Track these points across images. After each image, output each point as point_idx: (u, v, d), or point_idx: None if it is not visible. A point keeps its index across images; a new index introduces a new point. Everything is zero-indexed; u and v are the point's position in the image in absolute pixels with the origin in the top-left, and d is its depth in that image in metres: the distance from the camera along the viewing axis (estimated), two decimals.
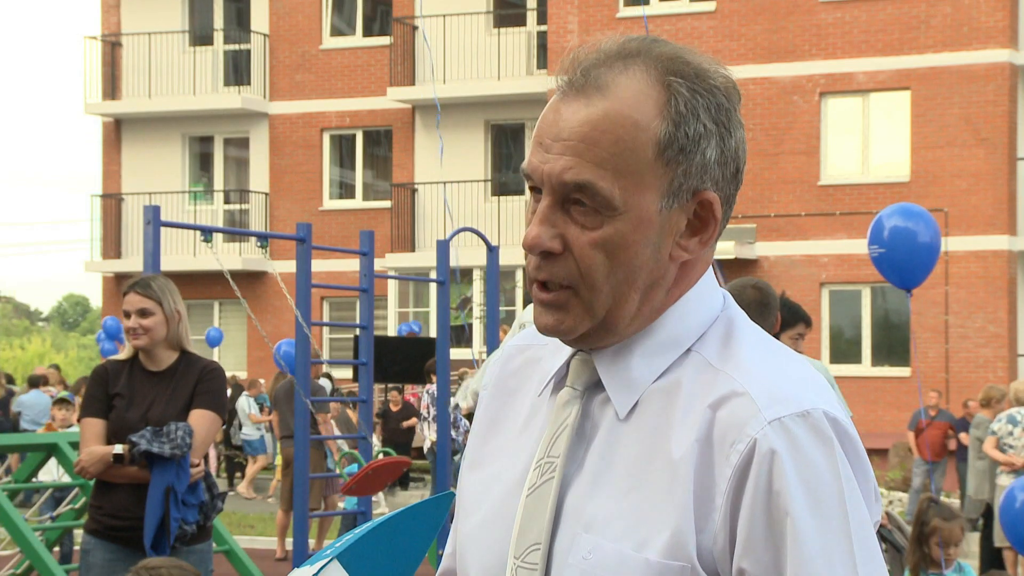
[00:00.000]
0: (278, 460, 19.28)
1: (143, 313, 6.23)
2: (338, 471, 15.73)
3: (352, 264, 17.35)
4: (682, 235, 1.82)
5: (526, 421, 1.92)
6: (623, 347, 1.83)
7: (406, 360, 19.29)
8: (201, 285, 28.56)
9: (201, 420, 6.23)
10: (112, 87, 32.28)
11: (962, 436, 20.45)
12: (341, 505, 15.64)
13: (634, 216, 1.79)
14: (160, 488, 6.10)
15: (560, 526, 1.80)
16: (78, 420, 6.67)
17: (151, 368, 6.30)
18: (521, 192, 29.20)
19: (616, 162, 1.77)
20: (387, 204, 30.23)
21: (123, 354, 6.41)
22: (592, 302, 1.80)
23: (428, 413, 19.59)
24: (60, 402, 15.19)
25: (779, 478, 1.71)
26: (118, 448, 6.11)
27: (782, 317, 7.17)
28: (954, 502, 21.32)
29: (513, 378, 1.98)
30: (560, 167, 1.79)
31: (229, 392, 24.76)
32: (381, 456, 11.32)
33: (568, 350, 1.89)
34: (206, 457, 6.39)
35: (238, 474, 24.72)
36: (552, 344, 1.94)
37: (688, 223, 1.82)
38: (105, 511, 6.25)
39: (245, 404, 23.18)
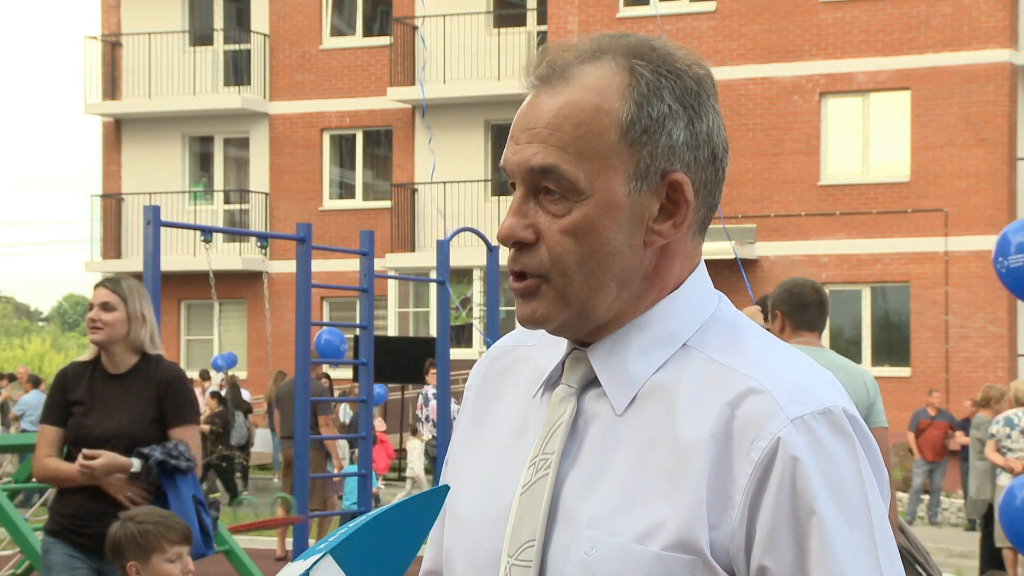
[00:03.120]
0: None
1: (106, 307, 6.12)
2: (335, 471, 15.76)
3: (352, 264, 17.35)
4: (655, 219, 1.81)
5: (519, 423, 1.90)
6: (618, 342, 1.82)
7: (406, 360, 19.30)
8: (201, 285, 28.54)
9: (189, 436, 6.13)
10: (112, 87, 32.29)
11: (959, 434, 20.46)
12: (341, 505, 15.65)
13: (601, 199, 1.78)
14: (188, 499, 6.07)
15: (557, 523, 1.78)
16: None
17: (111, 371, 6.18)
18: None
19: (579, 145, 1.78)
20: (387, 204, 30.24)
21: (86, 355, 6.30)
22: (565, 290, 1.79)
23: (422, 413, 19.60)
24: None
25: (803, 476, 1.71)
26: (136, 466, 6.00)
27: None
28: (956, 502, 21.33)
29: (499, 378, 1.97)
30: (528, 155, 1.80)
31: (226, 391, 24.76)
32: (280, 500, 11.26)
33: (561, 350, 1.88)
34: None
35: (237, 474, 24.69)
36: (540, 345, 1.93)
37: (661, 207, 1.81)
38: (65, 515, 6.15)
39: None
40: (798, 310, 6.46)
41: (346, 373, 26.79)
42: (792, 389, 1.75)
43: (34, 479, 6.25)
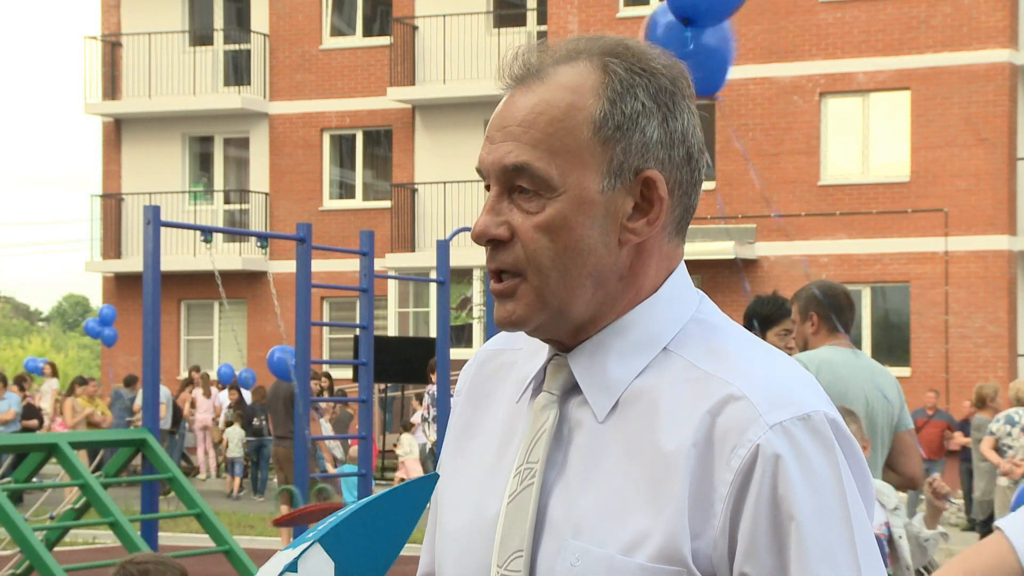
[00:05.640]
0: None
1: None
2: (330, 470, 15.79)
3: (352, 264, 17.36)
4: (629, 217, 1.80)
5: (505, 430, 1.89)
6: (597, 347, 1.81)
7: (406, 360, 19.31)
8: (201, 285, 28.56)
9: None
10: (112, 87, 32.29)
11: (957, 435, 20.46)
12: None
13: (574, 196, 1.77)
14: None
15: (544, 532, 1.78)
16: None
17: None
18: None
19: (551, 142, 1.78)
20: (387, 204, 30.25)
21: None
22: (542, 288, 1.78)
23: (428, 413, 19.61)
24: None
25: (783, 483, 1.70)
26: None
27: (765, 314, 7.21)
28: (956, 502, 21.33)
29: (487, 383, 1.96)
30: (501, 153, 1.80)
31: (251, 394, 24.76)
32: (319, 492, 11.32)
33: (544, 355, 1.87)
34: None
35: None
36: (526, 349, 1.92)
37: (636, 206, 1.80)
38: None
39: None
40: (835, 313, 6.48)
41: (346, 373, 26.80)
42: (771, 395, 1.74)
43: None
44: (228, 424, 24.74)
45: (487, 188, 1.84)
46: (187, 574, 5.12)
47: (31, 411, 23.27)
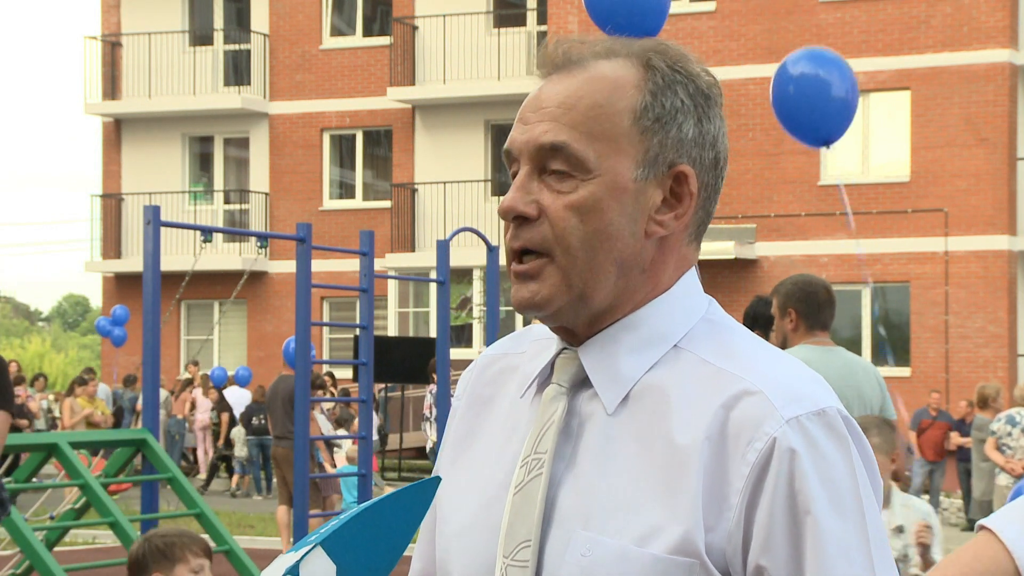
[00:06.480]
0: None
1: None
2: (328, 470, 15.79)
3: (352, 264, 17.37)
4: (658, 210, 1.82)
5: (508, 424, 1.89)
6: (608, 341, 1.82)
7: (406, 360, 19.33)
8: (201, 285, 28.55)
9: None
10: (112, 87, 32.29)
11: (954, 436, 20.46)
12: (341, 504, 15.66)
13: (608, 180, 1.79)
14: None
15: (553, 523, 1.78)
16: None
17: None
18: None
19: (591, 125, 1.80)
20: (387, 204, 30.25)
21: None
22: (568, 269, 1.79)
23: (430, 413, 19.61)
24: None
25: (800, 477, 1.72)
26: None
27: (768, 314, 7.17)
28: (956, 502, 21.33)
29: (489, 387, 1.96)
30: (537, 133, 1.81)
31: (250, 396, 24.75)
32: None
33: (550, 351, 1.88)
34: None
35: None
36: (529, 352, 1.93)
37: (664, 200, 1.82)
38: None
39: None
40: (814, 310, 6.38)
41: (346, 373, 26.81)
42: (786, 390, 1.76)
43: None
44: (215, 424, 24.78)
45: (513, 175, 1.85)
46: (211, 550, 5.11)
47: (20, 412, 23.31)
